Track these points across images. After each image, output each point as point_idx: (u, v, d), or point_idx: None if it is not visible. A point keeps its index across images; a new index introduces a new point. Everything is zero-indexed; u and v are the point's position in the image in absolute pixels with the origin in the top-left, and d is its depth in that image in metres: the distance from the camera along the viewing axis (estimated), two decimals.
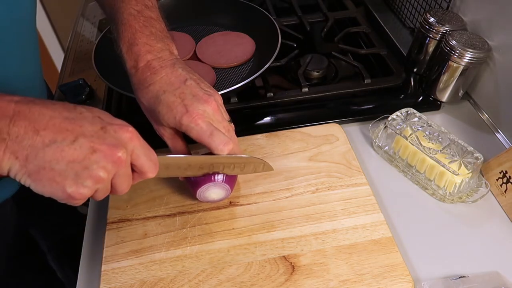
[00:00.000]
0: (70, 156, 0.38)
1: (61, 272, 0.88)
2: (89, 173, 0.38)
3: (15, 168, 0.37)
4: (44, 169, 0.37)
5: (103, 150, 0.39)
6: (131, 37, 0.51)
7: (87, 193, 0.39)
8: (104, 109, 0.70)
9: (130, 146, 0.41)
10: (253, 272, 0.50)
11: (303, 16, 0.88)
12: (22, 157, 0.37)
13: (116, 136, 0.40)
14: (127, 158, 0.41)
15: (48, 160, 0.37)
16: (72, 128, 0.38)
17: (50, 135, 0.37)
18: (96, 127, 0.39)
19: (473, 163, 0.55)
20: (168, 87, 0.48)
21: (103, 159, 0.39)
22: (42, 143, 0.37)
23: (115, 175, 0.41)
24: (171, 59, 0.51)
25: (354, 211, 0.55)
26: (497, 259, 0.52)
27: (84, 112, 0.40)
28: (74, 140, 0.38)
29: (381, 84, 0.72)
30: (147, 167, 0.43)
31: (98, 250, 0.54)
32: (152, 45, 0.51)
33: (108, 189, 0.42)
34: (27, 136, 0.37)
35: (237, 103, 0.69)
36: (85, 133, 0.38)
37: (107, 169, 0.39)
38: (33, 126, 0.37)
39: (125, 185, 0.43)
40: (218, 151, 0.48)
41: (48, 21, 1.74)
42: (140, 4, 0.54)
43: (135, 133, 0.42)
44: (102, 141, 0.39)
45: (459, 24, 0.68)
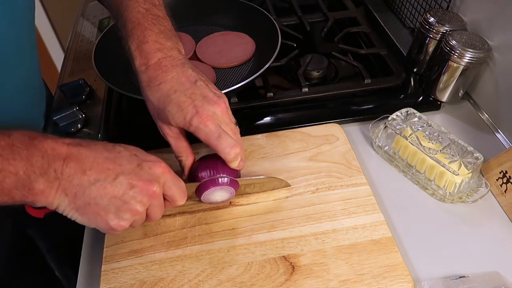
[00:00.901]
0: (112, 192, 0.43)
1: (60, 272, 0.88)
2: (128, 207, 0.44)
3: (64, 203, 0.42)
4: (89, 205, 0.42)
5: (140, 185, 0.44)
6: (141, 35, 0.51)
7: (126, 225, 0.44)
8: (104, 109, 0.70)
9: (162, 179, 0.46)
10: (253, 272, 0.50)
11: (303, 16, 0.88)
12: (71, 194, 0.42)
13: (150, 172, 0.45)
14: (160, 191, 0.46)
15: (93, 196, 0.42)
16: (113, 167, 0.43)
17: (94, 175, 0.42)
18: (133, 164, 0.44)
19: (473, 163, 0.55)
20: (179, 86, 0.49)
21: (140, 194, 0.44)
22: (88, 181, 0.42)
23: (150, 206, 0.46)
24: (180, 58, 0.51)
25: (354, 211, 0.55)
26: (497, 259, 0.52)
27: (122, 151, 0.45)
28: (115, 178, 0.43)
29: (381, 84, 0.72)
30: (178, 196, 0.48)
31: (98, 250, 0.54)
32: (162, 43, 0.51)
33: (143, 218, 0.47)
34: (76, 176, 0.42)
35: (237, 103, 0.69)
36: (124, 171, 0.43)
37: (143, 202, 0.44)
38: (80, 167, 0.42)
39: (158, 213, 0.47)
40: (225, 153, 0.49)
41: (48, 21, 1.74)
42: (148, 2, 0.54)
43: (166, 168, 0.46)
44: (139, 178, 0.44)
45: (459, 24, 0.68)
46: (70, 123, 0.66)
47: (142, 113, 0.56)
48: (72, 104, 0.69)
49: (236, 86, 0.63)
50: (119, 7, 0.55)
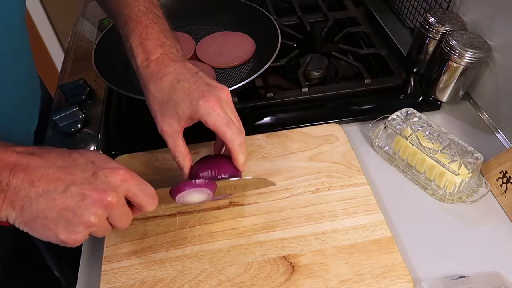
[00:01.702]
0: (62, 204, 0.39)
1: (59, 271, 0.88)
2: (80, 219, 0.40)
3: (12, 216, 0.40)
4: (37, 218, 0.39)
5: (93, 196, 0.40)
6: (143, 32, 0.52)
7: (79, 238, 0.41)
8: (104, 109, 0.70)
9: (122, 188, 0.42)
10: (253, 272, 0.50)
11: (303, 16, 0.88)
12: (18, 207, 0.39)
13: (106, 181, 0.41)
14: (118, 200, 0.42)
15: (41, 209, 0.39)
16: (64, 177, 0.40)
17: (43, 185, 0.39)
18: (87, 173, 0.41)
19: (473, 163, 0.55)
20: (182, 76, 0.50)
21: (93, 205, 0.40)
22: (36, 193, 0.39)
23: (110, 216, 0.42)
24: (180, 56, 0.52)
25: (354, 211, 0.55)
26: (497, 259, 0.52)
27: (78, 159, 0.42)
28: (65, 189, 0.40)
29: (381, 84, 0.72)
30: (145, 202, 0.45)
31: (98, 250, 0.54)
32: (163, 41, 0.52)
33: (106, 228, 0.43)
34: (23, 188, 0.39)
35: (237, 103, 0.69)
36: (76, 181, 0.40)
37: (98, 214, 0.41)
38: (29, 178, 0.39)
39: (123, 222, 0.44)
40: (233, 142, 0.48)
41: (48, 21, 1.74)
42: (148, 1, 0.55)
43: (127, 174, 0.42)
44: (93, 188, 0.40)
45: (459, 24, 0.68)
46: (70, 123, 0.66)
47: (142, 113, 0.56)
48: (72, 104, 0.69)
49: (236, 86, 0.63)
50: (118, 5, 0.55)
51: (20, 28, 0.59)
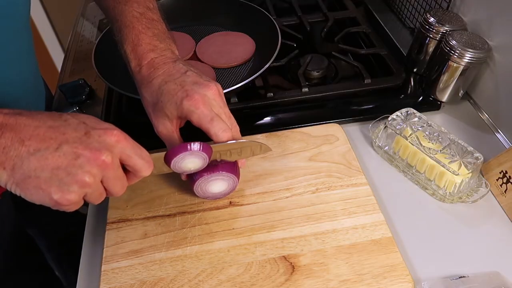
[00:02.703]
0: (54, 163, 0.38)
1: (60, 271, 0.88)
2: (73, 178, 0.39)
3: (4, 178, 0.38)
4: (30, 178, 0.38)
5: (86, 155, 0.39)
6: (135, 38, 0.52)
7: (74, 198, 0.40)
8: (104, 109, 0.70)
9: (116, 148, 0.41)
10: (253, 272, 0.50)
11: (303, 16, 0.88)
12: (9, 167, 0.38)
13: (100, 140, 0.40)
14: (113, 160, 0.41)
15: (33, 168, 0.38)
16: (55, 136, 0.39)
17: (34, 144, 0.38)
18: (80, 133, 0.40)
19: (473, 163, 0.55)
20: (169, 78, 0.50)
21: (87, 163, 0.39)
22: (27, 152, 0.38)
23: (104, 178, 0.41)
24: (173, 57, 0.53)
25: (354, 211, 0.55)
26: (497, 259, 0.52)
27: (69, 119, 0.41)
28: (57, 148, 0.39)
29: (381, 84, 0.72)
30: (140, 166, 0.44)
31: (98, 250, 0.54)
32: (156, 45, 0.52)
33: (100, 192, 0.42)
34: (13, 147, 0.38)
35: (237, 103, 0.69)
36: (68, 140, 0.39)
37: (92, 173, 0.40)
38: (19, 137, 0.38)
39: (118, 187, 0.43)
40: (217, 137, 0.48)
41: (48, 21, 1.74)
42: (142, 6, 0.56)
43: (121, 135, 0.42)
44: (86, 146, 0.39)
45: (459, 24, 0.68)
46: None
47: (142, 113, 0.56)
48: (72, 104, 0.69)
49: (236, 86, 0.63)
50: (114, 12, 0.56)
51: (26, 29, 0.59)
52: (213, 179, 0.52)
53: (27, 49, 0.60)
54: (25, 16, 0.58)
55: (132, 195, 0.57)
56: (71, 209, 0.41)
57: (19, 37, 0.57)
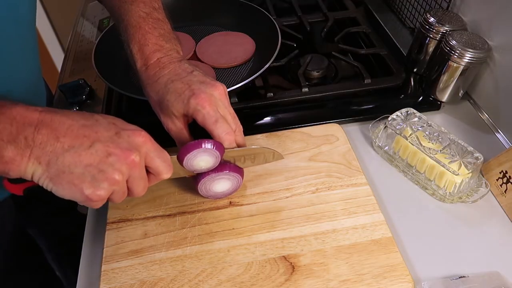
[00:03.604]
0: (87, 160, 0.41)
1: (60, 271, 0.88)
2: (104, 175, 0.41)
3: (38, 172, 0.40)
4: (63, 173, 0.40)
5: (117, 153, 0.41)
6: (142, 38, 0.53)
7: (103, 194, 0.42)
8: (104, 109, 0.70)
9: (143, 149, 0.44)
10: (253, 272, 0.50)
11: (303, 16, 0.88)
12: (44, 162, 0.40)
13: (129, 141, 0.43)
14: (141, 160, 0.43)
15: (67, 164, 0.40)
16: (88, 134, 0.41)
17: (69, 141, 0.40)
18: (111, 132, 0.42)
19: (473, 163, 0.55)
20: (175, 77, 0.50)
21: (118, 162, 0.41)
22: (62, 148, 0.40)
23: (130, 177, 0.43)
24: (178, 57, 0.53)
25: (354, 211, 0.55)
26: (497, 259, 0.52)
27: (100, 119, 0.43)
28: (90, 145, 0.41)
29: (381, 84, 0.72)
30: (162, 168, 0.46)
31: (98, 250, 0.54)
32: (162, 45, 0.53)
33: (124, 191, 0.44)
34: (49, 143, 0.40)
35: (237, 103, 0.69)
36: (100, 139, 0.41)
37: (122, 171, 0.42)
38: (54, 134, 0.40)
39: (141, 187, 0.45)
40: (220, 139, 0.49)
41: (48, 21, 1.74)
42: (148, 6, 0.56)
43: (147, 137, 0.44)
44: (117, 145, 0.42)
45: (459, 24, 0.68)
46: None
47: (142, 113, 0.56)
48: (72, 104, 0.69)
49: (236, 86, 0.63)
50: (120, 11, 0.56)
51: (31, 33, 0.59)
52: (220, 178, 0.52)
53: (31, 53, 0.60)
54: (30, 21, 0.58)
55: None
56: (98, 206, 0.43)
57: (24, 40, 0.57)
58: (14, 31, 0.53)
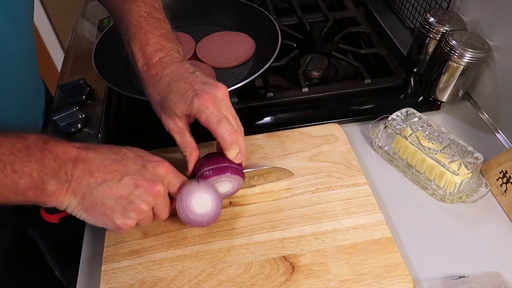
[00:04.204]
0: (118, 192, 0.45)
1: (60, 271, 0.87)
2: (133, 206, 0.45)
3: (73, 204, 0.44)
4: (96, 205, 0.44)
5: (144, 185, 0.45)
6: (143, 38, 0.53)
7: (132, 223, 0.46)
8: (104, 109, 0.70)
9: (167, 179, 0.48)
10: (253, 272, 0.50)
11: (303, 16, 0.88)
12: (80, 195, 0.44)
13: (154, 172, 0.47)
14: (165, 190, 0.47)
15: (100, 197, 0.44)
16: (119, 168, 0.45)
17: (101, 176, 0.44)
18: (138, 165, 0.46)
19: (473, 163, 0.55)
20: (178, 77, 0.51)
21: (145, 193, 0.45)
22: (95, 183, 0.44)
23: (155, 205, 0.47)
24: (180, 57, 0.54)
25: (354, 211, 0.55)
26: (497, 259, 0.52)
27: (127, 153, 0.47)
28: (120, 179, 0.45)
29: (381, 84, 0.72)
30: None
31: (98, 250, 0.54)
32: (163, 45, 0.53)
33: (150, 217, 0.48)
34: (84, 178, 0.44)
35: (237, 103, 0.69)
36: (129, 172, 0.45)
37: (148, 202, 0.46)
38: (89, 169, 0.44)
39: (165, 212, 0.49)
40: (224, 139, 0.49)
41: (48, 21, 1.74)
42: (149, 6, 0.56)
43: (170, 167, 0.48)
44: (143, 178, 0.46)
45: (459, 24, 0.68)
46: (70, 123, 0.66)
47: (142, 113, 0.56)
48: (72, 104, 0.69)
49: (236, 86, 0.63)
50: (120, 10, 0.56)
51: (28, 31, 0.59)
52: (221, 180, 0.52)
53: (29, 51, 0.60)
54: (27, 20, 0.58)
55: None
56: (124, 232, 0.48)
57: (21, 40, 0.57)
58: (11, 30, 0.53)
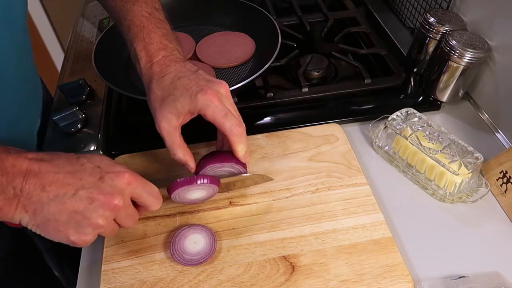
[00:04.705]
0: (71, 207, 0.42)
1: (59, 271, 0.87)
2: (88, 221, 0.42)
3: (25, 220, 0.42)
4: (49, 221, 0.42)
5: (100, 199, 0.42)
6: (146, 37, 0.54)
7: (89, 239, 0.43)
8: (104, 109, 0.70)
9: (127, 190, 0.44)
10: (253, 272, 0.50)
11: (303, 16, 0.88)
12: (31, 211, 0.41)
13: (113, 184, 0.43)
14: (125, 202, 0.44)
15: (52, 212, 0.41)
16: (73, 182, 0.42)
17: (54, 190, 0.42)
18: (95, 177, 0.43)
19: (473, 163, 0.55)
20: (181, 74, 0.51)
21: (101, 207, 0.43)
22: (47, 198, 0.41)
23: (117, 218, 0.45)
24: (181, 57, 0.54)
25: (354, 211, 0.55)
26: (497, 259, 0.52)
27: (85, 164, 0.44)
28: (74, 193, 0.42)
29: (381, 84, 0.72)
30: (150, 203, 0.47)
31: (98, 250, 0.54)
32: (166, 44, 0.54)
33: (113, 228, 0.46)
34: (35, 193, 0.41)
35: (237, 103, 0.69)
36: (84, 185, 0.42)
37: (105, 216, 0.43)
38: (40, 183, 0.41)
39: (130, 222, 0.47)
40: (231, 131, 0.49)
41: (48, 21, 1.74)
42: (150, 6, 0.57)
43: (132, 177, 0.45)
44: (100, 191, 0.43)
45: (459, 24, 0.68)
46: (70, 123, 0.66)
47: (142, 113, 0.56)
48: (72, 104, 0.69)
49: (236, 86, 0.63)
50: (122, 11, 0.57)
51: (23, 30, 0.59)
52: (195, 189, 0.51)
53: (25, 51, 0.61)
54: (22, 19, 0.58)
55: None
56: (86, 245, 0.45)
57: (18, 39, 0.57)
58: (7, 31, 0.53)
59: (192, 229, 0.52)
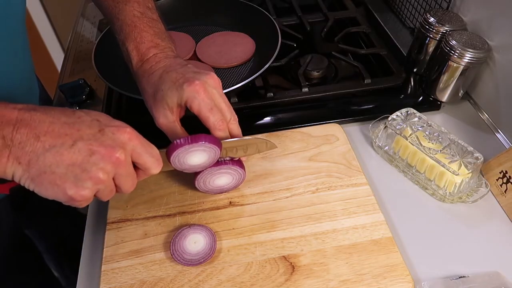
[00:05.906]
0: (69, 159, 0.39)
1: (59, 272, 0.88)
2: (88, 175, 0.39)
3: (19, 173, 0.39)
4: (45, 173, 0.39)
5: (101, 152, 0.40)
6: (138, 36, 0.54)
7: (88, 194, 0.40)
8: (104, 109, 0.70)
9: (129, 146, 0.42)
10: (253, 272, 0.50)
11: (303, 16, 0.88)
12: (24, 162, 0.38)
13: (114, 138, 0.41)
14: (126, 158, 0.42)
15: (48, 164, 0.38)
16: (70, 132, 0.39)
17: (50, 140, 0.39)
18: (94, 130, 0.41)
19: (473, 163, 0.55)
20: (170, 68, 0.51)
21: (102, 160, 0.40)
22: (42, 148, 0.38)
23: (116, 175, 0.42)
24: (173, 54, 0.54)
25: (354, 211, 0.55)
26: (497, 259, 0.52)
27: (83, 116, 0.41)
28: (72, 144, 0.39)
29: (381, 84, 0.72)
30: (150, 164, 0.44)
31: (98, 250, 0.54)
32: (157, 42, 0.54)
33: (112, 189, 0.43)
34: (29, 142, 0.38)
35: (237, 103, 0.69)
36: (83, 137, 0.40)
37: (106, 170, 0.40)
38: (34, 133, 0.38)
39: (129, 184, 0.44)
40: (215, 126, 0.49)
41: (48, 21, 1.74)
42: (143, 6, 0.57)
43: (133, 133, 0.43)
44: (100, 143, 0.40)
45: (459, 24, 0.68)
46: None
47: (142, 113, 0.56)
48: (72, 104, 0.69)
49: (236, 86, 0.63)
50: (114, 11, 0.57)
51: (21, 29, 0.59)
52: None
53: (23, 49, 0.60)
54: (20, 16, 0.58)
55: (132, 195, 0.57)
56: (82, 205, 0.42)
57: (15, 36, 0.57)
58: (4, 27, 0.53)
59: (192, 229, 0.52)
